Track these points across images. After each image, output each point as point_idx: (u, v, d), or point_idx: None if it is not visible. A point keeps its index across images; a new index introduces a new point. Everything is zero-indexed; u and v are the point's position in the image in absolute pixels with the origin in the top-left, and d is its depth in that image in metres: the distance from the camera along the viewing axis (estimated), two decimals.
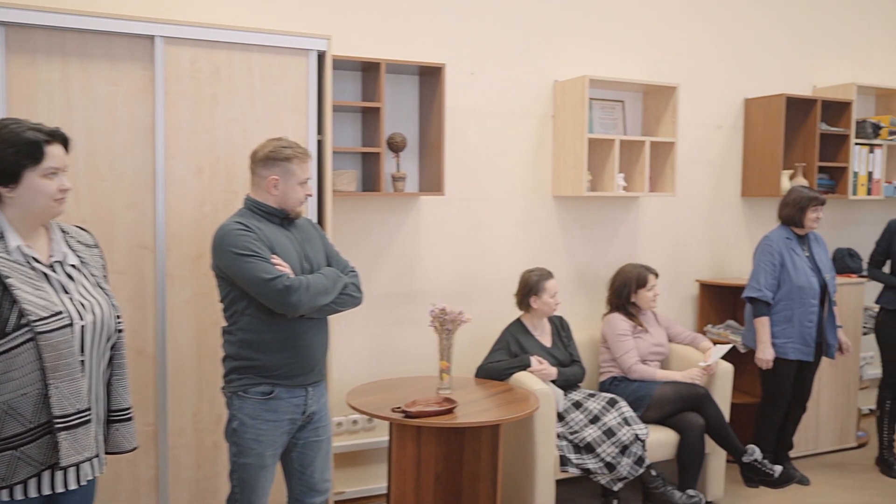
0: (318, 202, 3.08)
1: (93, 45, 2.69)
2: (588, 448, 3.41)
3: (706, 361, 3.72)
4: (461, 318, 3.27)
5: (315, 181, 3.02)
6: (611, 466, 3.38)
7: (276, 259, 2.39)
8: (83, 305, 1.86)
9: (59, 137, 1.88)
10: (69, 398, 1.77)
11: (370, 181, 3.56)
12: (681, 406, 3.62)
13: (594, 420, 3.47)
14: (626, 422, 3.43)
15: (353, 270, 2.62)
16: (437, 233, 3.86)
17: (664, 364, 3.95)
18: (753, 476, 3.82)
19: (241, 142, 2.91)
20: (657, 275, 3.94)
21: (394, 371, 3.76)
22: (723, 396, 3.74)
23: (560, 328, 3.79)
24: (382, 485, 3.72)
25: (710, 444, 3.67)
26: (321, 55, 3.05)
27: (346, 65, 3.44)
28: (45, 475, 1.80)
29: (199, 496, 2.94)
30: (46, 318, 1.75)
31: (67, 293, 1.85)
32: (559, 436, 3.47)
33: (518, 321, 3.72)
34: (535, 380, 3.41)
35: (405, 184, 3.64)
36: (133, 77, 2.76)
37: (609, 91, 4.22)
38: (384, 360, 3.77)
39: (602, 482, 3.45)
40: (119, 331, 1.98)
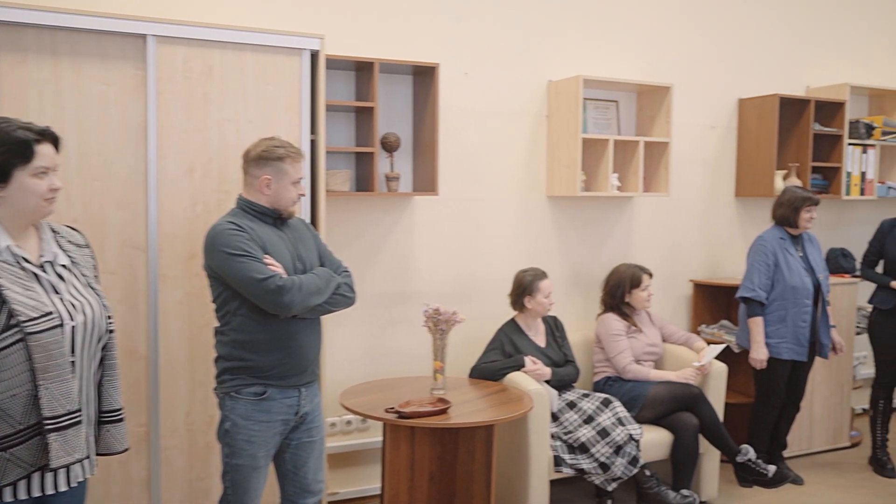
0: (312, 202, 3.07)
1: (84, 44, 2.68)
2: (582, 448, 3.41)
3: (700, 361, 3.72)
4: (455, 319, 3.27)
5: (308, 181, 3.02)
6: (605, 466, 3.38)
7: (269, 259, 2.38)
8: (74, 306, 1.85)
9: (50, 136, 1.87)
10: (59, 399, 1.76)
11: (364, 181, 3.55)
12: (675, 406, 3.62)
13: (588, 420, 3.47)
14: (621, 422, 3.43)
15: (347, 270, 2.61)
16: (431, 233, 3.86)
17: (658, 364, 3.95)
18: (747, 476, 3.83)
19: (234, 141, 2.89)
20: (651, 275, 3.94)
21: (387, 371, 3.75)
22: (717, 396, 3.75)
23: (554, 328, 3.79)
24: (376, 485, 3.71)
25: (704, 444, 3.67)
26: (314, 55, 3.04)
27: (340, 64, 3.44)
28: (35, 477, 1.79)
29: (192, 497, 2.93)
30: (36, 319, 1.74)
31: (58, 293, 1.84)
32: (553, 436, 3.46)
33: (512, 321, 3.71)
34: (530, 380, 3.40)
35: (399, 184, 3.63)
36: (125, 76, 2.74)
37: (603, 91, 4.21)
38: (378, 361, 3.76)
39: (596, 482, 3.45)
40: (110, 331, 1.96)
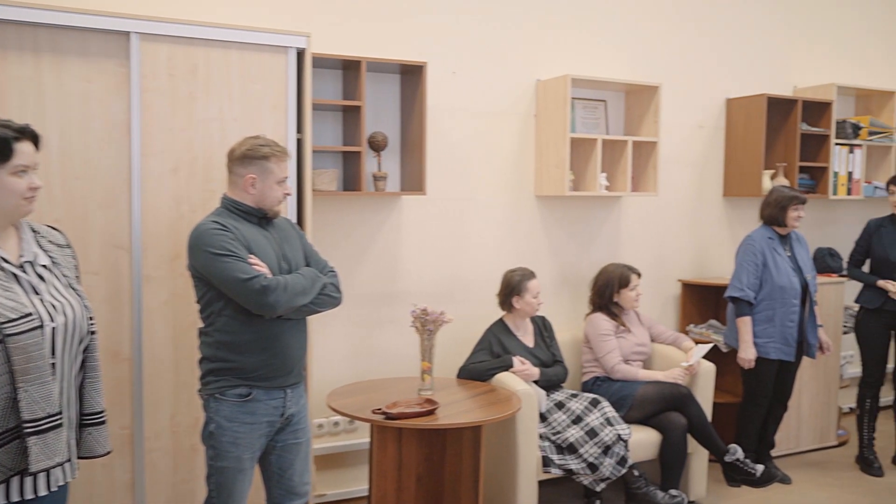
0: (298, 202, 3.05)
1: (66, 41, 2.64)
2: (571, 448, 3.40)
3: (688, 361, 3.72)
4: (443, 319, 3.26)
5: (295, 180, 2.99)
6: (593, 467, 3.37)
7: (254, 259, 2.35)
8: (54, 307, 1.82)
9: (29, 134, 1.84)
10: (39, 402, 1.73)
11: (351, 180, 3.53)
12: (663, 406, 3.61)
13: (577, 420, 3.46)
14: (609, 422, 3.42)
15: (333, 270, 2.59)
16: (419, 233, 3.84)
17: (647, 364, 3.95)
18: (736, 475, 3.83)
19: (219, 140, 2.86)
20: (640, 274, 3.93)
21: (375, 372, 3.73)
22: (705, 396, 3.75)
23: (542, 328, 3.78)
24: (364, 487, 3.69)
25: (693, 444, 3.67)
26: (301, 53, 3.01)
27: (327, 63, 3.41)
28: (14, 481, 1.75)
29: (176, 500, 2.90)
30: (15, 320, 1.70)
31: (38, 294, 1.81)
32: (541, 436, 3.45)
33: (500, 321, 3.70)
34: (518, 380, 3.39)
35: (386, 183, 3.61)
36: (108, 74, 2.71)
37: (591, 90, 4.21)
38: (365, 361, 3.74)
39: (585, 483, 3.44)
40: (92, 333, 1.93)
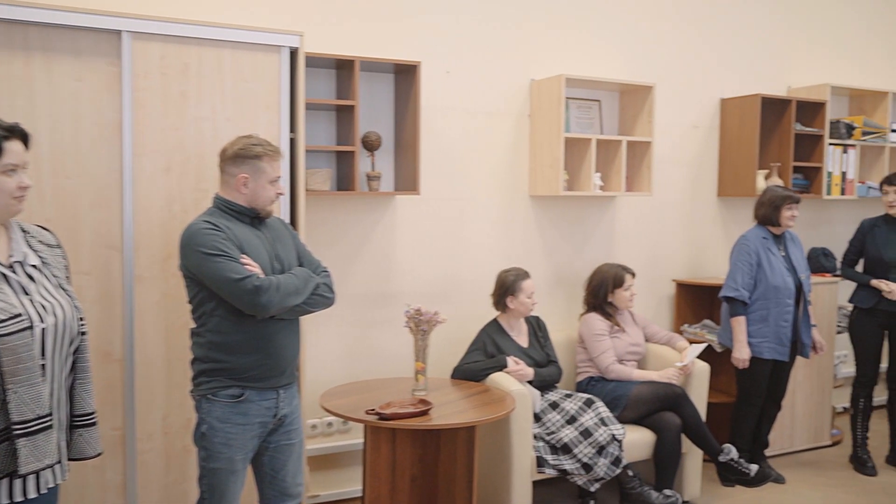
0: (291, 201, 3.03)
1: (57, 40, 2.62)
2: (565, 449, 3.39)
3: (682, 362, 3.72)
4: (436, 319, 3.24)
5: (288, 180, 2.98)
6: (588, 467, 3.36)
7: (246, 259, 2.34)
8: (44, 307, 1.80)
9: (19, 133, 1.82)
10: (28, 404, 1.72)
11: (344, 180, 3.52)
12: (657, 406, 3.61)
13: (571, 421, 3.45)
14: (603, 422, 3.41)
15: (326, 270, 2.58)
16: (413, 233, 3.83)
17: (641, 364, 3.94)
18: (730, 475, 3.83)
19: (212, 140, 2.85)
20: (634, 274, 3.93)
21: (369, 372, 3.71)
22: (699, 396, 3.75)
23: (537, 328, 3.77)
24: (357, 488, 3.68)
25: (687, 444, 3.66)
26: (294, 52, 3.00)
27: (320, 62, 3.40)
28: (3, 483, 1.74)
29: (169, 501, 2.88)
30: (5, 321, 1.69)
31: (27, 295, 1.79)
32: (536, 437, 3.44)
33: (494, 321, 3.69)
34: (512, 380, 3.38)
35: (380, 183, 3.59)
36: (99, 73, 2.69)
37: (586, 90, 4.20)
38: (359, 362, 3.72)
39: (579, 483, 3.44)
40: (82, 333, 1.92)
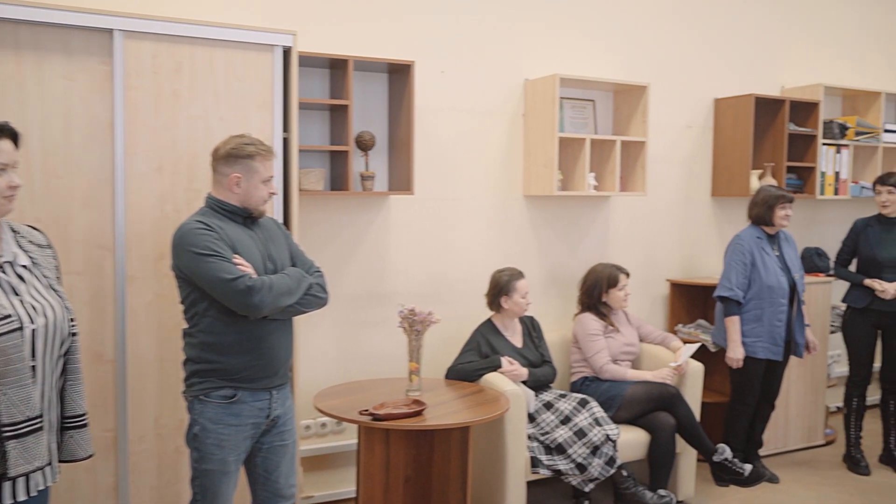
0: (285, 201, 3.02)
1: (48, 38, 2.60)
2: (559, 449, 3.39)
3: (677, 362, 3.72)
4: (430, 319, 3.24)
5: (281, 180, 2.96)
6: (582, 467, 3.36)
7: (238, 259, 2.32)
8: (34, 308, 1.79)
9: (8, 132, 1.81)
10: (18, 405, 1.70)
11: (338, 180, 3.51)
12: (652, 406, 3.61)
13: (565, 421, 3.45)
14: (597, 422, 3.41)
15: (319, 270, 2.56)
16: (407, 232, 3.81)
17: (635, 364, 3.94)
18: (724, 475, 3.84)
19: (204, 139, 2.83)
20: (628, 274, 3.93)
21: (362, 373, 3.70)
22: (693, 396, 3.75)
23: (531, 328, 3.77)
24: (351, 488, 3.67)
25: (681, 444, 3.66)
26: (287, 51, 2.98)
27: (314, 62, 3.38)
28: None
29: (161, 503, 2.86)
30: None
31: (17, 295, 1.78)
32: (530, 437, 3.44)
33: (489, 321, 3.68)
34: (506, 381, 3.38)
35: (374, 183, 3.58)
36: (90, 71, 2.67)
37: (580, 90, 4.20)
38: (353, 362, 3.71)
39: (573, 483, 3.43)
40: (73, 334, 1.90)
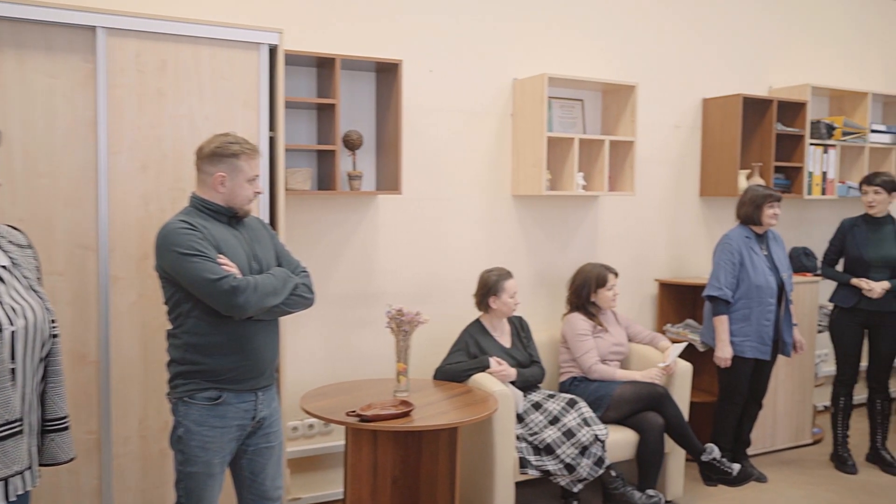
0: (271, 201, 2.99)
1: (29, 35, 2.56)
2: (548, 449, 3.38)
3: (665, 361, 3.72)
4: (418, 319, 3.22)
5: (267, 179, 2.94)
6: (570, 468, 3.35)
7: (223, 259, 2.30)
8: (14, 310, 1.76)
9: None
10: None
11: (325, 180, 3.48)
12: (640, 406, 3.61)
13: (554, 421, 3.44)
14: (586, 422, 3.40)
15: (305, 270, 2.54)
16: (395, 232, 3.80)
17: (624, 364, 3.94)
18: (712, 475, 3.84)
19: (189, 138, 2.80)
20: (617, 274, 3.92)
21: (350, 374, 3.68)
22: (682, 396, 3.74)
23: (519, 328, 3.76)
24: (339, 490, 3.65)
25: (669, 444, 3.66)
26: (273, 49, 2.96)
27: (300, 60, 3.36)
28: None
29: None
30: None
31: None
32: (518, 437, 3.43)
33: (477, 322, 3.67)
34: (494, 381, 3.36)
35: (361, 182, 3.56)
36: (73, 69, 2.64)
37: (568, 90, 4.19)
38: (340, 363, 3.69)
39: (562, 483, 3.42)
40: (54, 336, 1.87)
